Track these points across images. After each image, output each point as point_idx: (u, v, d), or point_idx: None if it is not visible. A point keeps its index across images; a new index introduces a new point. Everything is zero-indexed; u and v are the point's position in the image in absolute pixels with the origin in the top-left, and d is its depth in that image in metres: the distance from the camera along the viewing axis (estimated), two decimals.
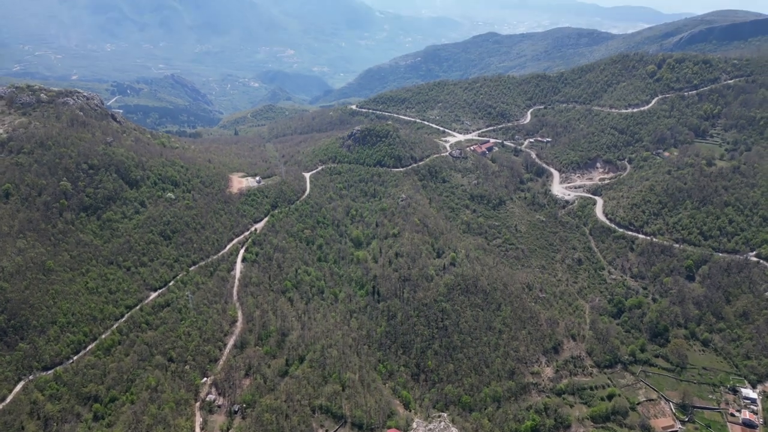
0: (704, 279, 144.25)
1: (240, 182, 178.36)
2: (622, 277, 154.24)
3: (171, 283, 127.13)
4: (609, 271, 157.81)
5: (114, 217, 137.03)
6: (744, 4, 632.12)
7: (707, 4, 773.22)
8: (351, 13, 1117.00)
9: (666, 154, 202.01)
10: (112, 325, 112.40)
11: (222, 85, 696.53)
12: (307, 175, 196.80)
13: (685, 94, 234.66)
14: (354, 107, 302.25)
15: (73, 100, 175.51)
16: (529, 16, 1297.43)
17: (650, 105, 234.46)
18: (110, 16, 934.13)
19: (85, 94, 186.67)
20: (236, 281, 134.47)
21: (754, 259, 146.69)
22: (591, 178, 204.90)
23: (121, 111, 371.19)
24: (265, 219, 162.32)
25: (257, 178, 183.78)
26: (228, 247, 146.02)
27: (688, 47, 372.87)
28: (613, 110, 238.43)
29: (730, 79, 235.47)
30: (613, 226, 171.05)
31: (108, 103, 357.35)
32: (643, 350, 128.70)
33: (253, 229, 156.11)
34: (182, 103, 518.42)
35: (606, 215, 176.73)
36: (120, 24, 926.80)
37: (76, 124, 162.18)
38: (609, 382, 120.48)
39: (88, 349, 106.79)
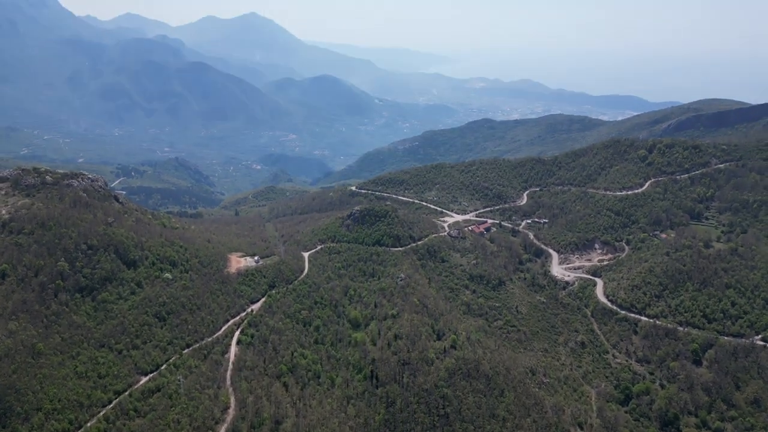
0: (711, 364, 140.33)
1: (238, 262, 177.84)
2: (627, 361, 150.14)
3: (163, 367, 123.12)
4: (613, 355, 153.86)
5: (109, 298, 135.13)
6: (727, 93, 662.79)
7: (692, 94, 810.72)
8: (351, 101, 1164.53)
9: (663, 235, 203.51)
10: (99, 412, 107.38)
11: (225, 167, 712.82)
12: (306, 255, 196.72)
13: (678, 177, 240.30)
14: (353, 188, 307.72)
15: (78, 182, 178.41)
16: (522, 103, 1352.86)
17: (644, 188, 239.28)
18: (120, 103, 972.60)
19: (89, 176, 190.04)
20: (230, 365, 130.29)
21: (761, 342, 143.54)
22: (590, 259, 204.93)
23: (124, 192, 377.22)
24: (262, 299, 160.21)
25: (256, 258, 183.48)
26: (223, 328, 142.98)
27: (677, 133, 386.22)
28: (608, 193, 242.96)
29: (721, 164, 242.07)
30: (614, 308, 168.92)
31: (112, 185, 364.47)
32: None
33: (249, 309, 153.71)
34: (185, 184, 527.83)
35: (607, 297, 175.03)
36: (129, 110, 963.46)
37: (78, 205, 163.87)
38: None
39: None
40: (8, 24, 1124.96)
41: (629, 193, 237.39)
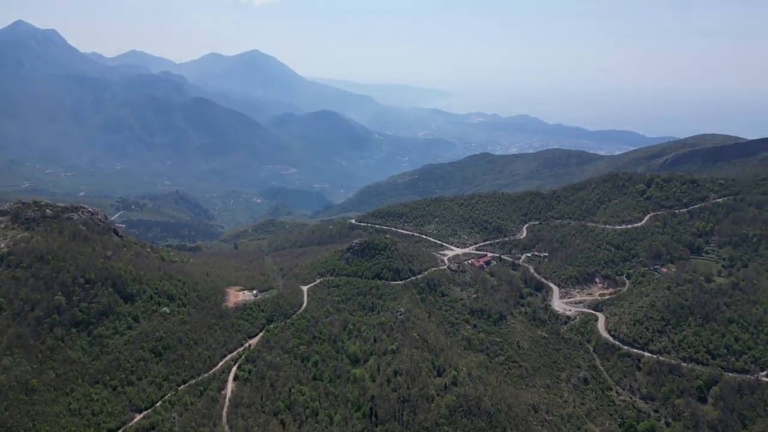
0: (717, 401, 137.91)
1: (237, 296, 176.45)
2: (631, 398, 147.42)
3: (158, 404, 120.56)
4: (617, 392, 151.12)
5: (105, 333, 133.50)
6: (722, 128, 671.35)
7: (688, 129, 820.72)
8: (351, 135, 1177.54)
9: (664, 269, 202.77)
10: None
11: (225, 200, 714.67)
12: (305, 288, 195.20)
13: (676, 211, 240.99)
14: (353, 221, 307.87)
15: (78, 215, 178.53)
16: (520, 138, 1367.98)
17: (643, 222, 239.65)
18: (122, 137, 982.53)
19: (90, 209, 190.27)
20: (227, 401, 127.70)
21: (766, 379, 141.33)
22: (591, 293, 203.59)
23: (124, 225, 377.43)
24: (260, 334, 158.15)
25: (254, 292, 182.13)
26: (220, 364, 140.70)
27: (674, 168, 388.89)
28: (608, 226, 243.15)
29: (719, 198, 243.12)
30: (617, 343, 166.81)
31: (112, 218, 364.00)
32: None
33: (247, 344, 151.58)
34: (185, 217, 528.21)
35: (609, 332, 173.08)
36: (131, 144, 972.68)
37: (77, 239, 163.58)
38: None
39: None
40: (14, 60, 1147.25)
41: (628, 227, 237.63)
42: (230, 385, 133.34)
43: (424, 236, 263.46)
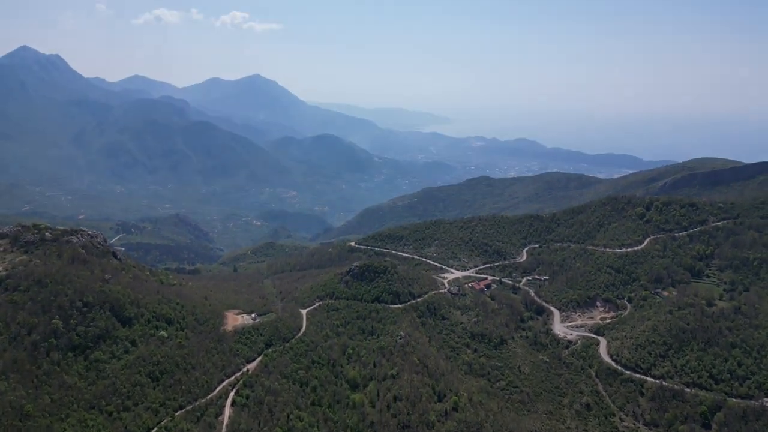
0: (721, 427, 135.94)
1: (235, 319, 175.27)
2: (635, 424, 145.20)
3: (154, 430, 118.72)
4: (620, 418, 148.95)
5: (102, 357, 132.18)
6: (720, 152, 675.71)
7: (685, 153, 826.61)
8: (351, 158, 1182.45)
9: (665, 293, 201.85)
10: None
11: (225, 223, 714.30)
12: (304, 312, 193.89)
13: (676, 235, 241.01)
14: (353, 244, 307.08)
15: (77, 238, 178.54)
16: (519, 161, 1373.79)
17: (643, 245, 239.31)
18: (123, 161, 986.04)
19: (89, 232, 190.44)
20: (224, 427, 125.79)
21: None
22: (592, 317, 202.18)
23: (123, 248, 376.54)
24: (259, 358, 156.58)
25: (253, 315, 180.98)
26: (218, 389, 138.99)
27: (673, 191, 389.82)
28: (608, 249, 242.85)
29: (718, 221, 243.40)
30: (619, 368, 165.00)
31: (111, 241, 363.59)
32: None
33: (245, 369, 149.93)
34: (184, 240, 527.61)
35: (611, 356, 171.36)
36: (131, 168, 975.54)
37: (76, 262, 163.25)
38: None
39: None
40: (18, 85, 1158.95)
41: (629, 250, 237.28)
42: (228, 411, 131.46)
43: (424, 259, 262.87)
